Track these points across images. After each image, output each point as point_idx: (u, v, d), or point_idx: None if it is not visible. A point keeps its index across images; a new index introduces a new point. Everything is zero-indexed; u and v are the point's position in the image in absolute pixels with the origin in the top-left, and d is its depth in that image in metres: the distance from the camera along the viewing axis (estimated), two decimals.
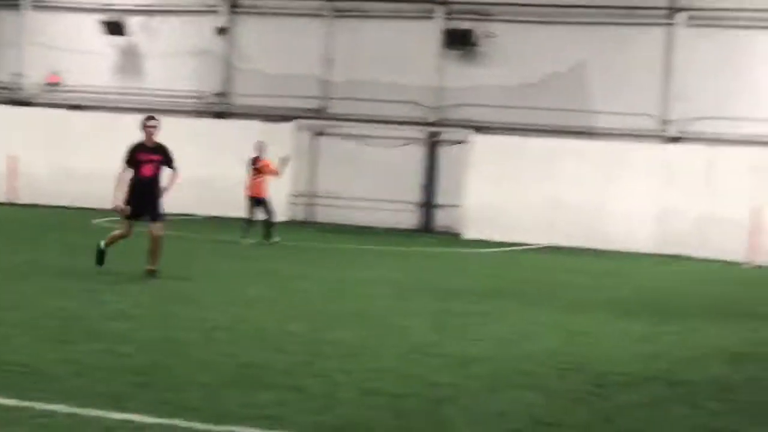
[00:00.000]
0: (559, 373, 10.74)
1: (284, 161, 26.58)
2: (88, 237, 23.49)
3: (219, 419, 7.89)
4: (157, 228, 17.13)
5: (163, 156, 17.48)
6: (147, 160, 17.29)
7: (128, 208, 17.07)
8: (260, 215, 26.73)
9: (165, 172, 17.50)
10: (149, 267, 17.14)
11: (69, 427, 7.47)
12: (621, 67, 35.77)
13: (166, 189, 17.38)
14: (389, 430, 7.96)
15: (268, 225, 26.53)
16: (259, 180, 26.82)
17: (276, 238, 26.26)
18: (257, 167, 26.85)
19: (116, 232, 17.72)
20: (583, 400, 9.50)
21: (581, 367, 11.22)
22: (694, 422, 8.97)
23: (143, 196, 17.13)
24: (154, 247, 17.17)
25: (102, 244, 17.63)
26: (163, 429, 7.56)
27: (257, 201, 26.71)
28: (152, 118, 17.86)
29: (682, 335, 14.35)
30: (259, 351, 10.89)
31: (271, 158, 26.84)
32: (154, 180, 17.32)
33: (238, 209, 36.44)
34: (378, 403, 8.83)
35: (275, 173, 26.81)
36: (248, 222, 26.60)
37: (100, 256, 17.57)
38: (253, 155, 27.20)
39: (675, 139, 35.07)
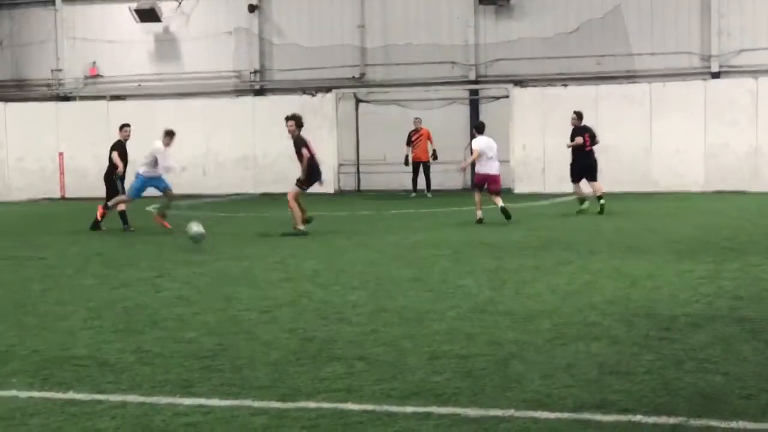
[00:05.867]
0: (625, 321, 10.68)
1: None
2: (140, 225, 23.64)
3: (290, 396, 7.91)
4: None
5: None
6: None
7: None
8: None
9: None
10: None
11: (141, 416, 7.51)
12: (658, 6, 35.48)
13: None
14: (460, 392, 7.94)
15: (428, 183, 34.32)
16: (417, 148, 34.09)
17: (424, 194, 33.66)
18: (414, 139, 34.15)
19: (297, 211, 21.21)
20: (651, 346, 9.43)
21: (647, 312, 11.16)
22: (764, 358, 8.89)
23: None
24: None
25: (300, 227, 21.09)
26: (235, 410, 7.58)
27: (420, 164, 34.24)
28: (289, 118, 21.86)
29: (744, 271, 14.23)
30: (322, 324, 10.89)
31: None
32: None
33: (285, 185, 36.69)
34: (446, 366, 8.81)
35: (430, 140, 34.28)
36: (414, 182, 34.39)
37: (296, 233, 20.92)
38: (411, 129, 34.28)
39: (718, 75, 34.74)
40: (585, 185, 25.99)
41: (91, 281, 14.92)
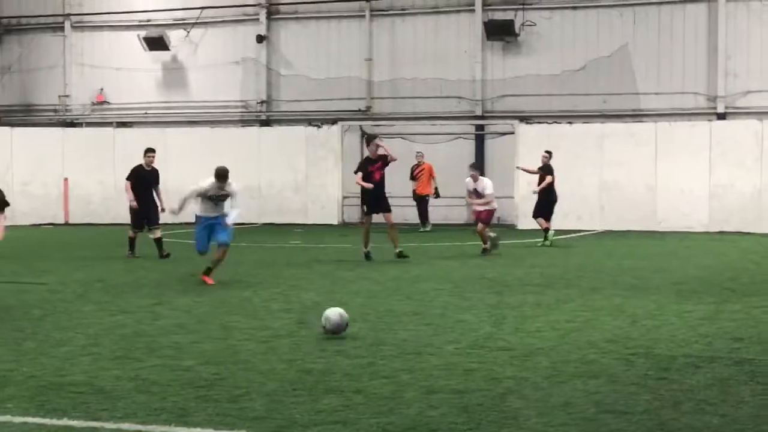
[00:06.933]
0: (624, 360, 10.65)
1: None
2: (144, 252, 23.63)
3: (286, 428, 7.89)
4: (389, 217, 22.62)
5: (383, 162, 22.91)
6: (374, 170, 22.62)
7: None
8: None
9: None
10: (397, 250, 22.52)
11: None
12: (665, 46, 35.54)
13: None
14: (456, 428, 7.91)
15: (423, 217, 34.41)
16: (419, 182, 34.29)
17: (427, 228, 33.77)
18: (416, 173, 34.34)
19: (364, 232, 22.58)
20: (649, 386, 9.40)
21: (646, 351, 11.13)
22: (762, 400, 8.86)
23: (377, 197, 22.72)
24: (393, 233, 22.70)
25: (363, 249, 22.46)
26: None
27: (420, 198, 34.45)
28: (374, 137, 23.51)
29: (745, 312, 14.20)
30: (320, 356, 10.87)
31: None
32: (381, 183, 22.79)
33: (289, 215, 36.69)
34: (443, 400, 8.79)
35: (433, 176, 34.42)
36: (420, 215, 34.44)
37: (368, 256, 22.41)
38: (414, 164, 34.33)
39: (724, 116, 34.76)
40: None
41: (91, 307, 14.92)
